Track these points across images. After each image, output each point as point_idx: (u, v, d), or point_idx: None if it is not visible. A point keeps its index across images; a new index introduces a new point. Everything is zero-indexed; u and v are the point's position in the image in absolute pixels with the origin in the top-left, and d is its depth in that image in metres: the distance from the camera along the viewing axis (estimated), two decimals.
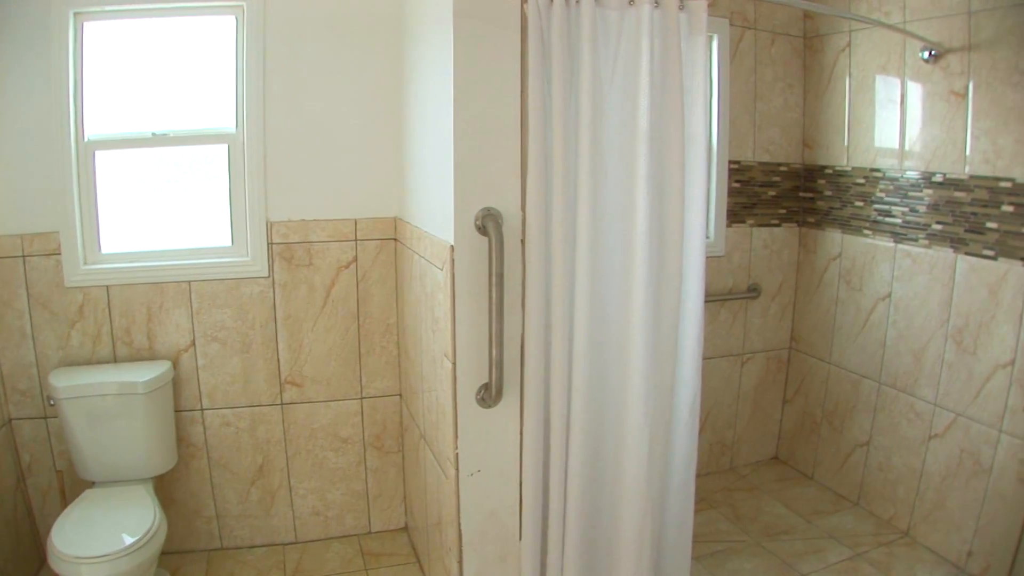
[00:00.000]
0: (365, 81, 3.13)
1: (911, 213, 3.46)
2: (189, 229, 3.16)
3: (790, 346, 4.33)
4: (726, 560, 3.34)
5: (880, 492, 3.72)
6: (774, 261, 4.17)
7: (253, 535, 3.37)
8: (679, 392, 2.62)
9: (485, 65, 2.28)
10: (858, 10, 3.61)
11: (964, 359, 3.23)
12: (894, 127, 3.52)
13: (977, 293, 3.16)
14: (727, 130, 3.88)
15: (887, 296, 3.63)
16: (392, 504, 3.53)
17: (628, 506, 2.51)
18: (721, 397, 4.19)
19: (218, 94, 3.10)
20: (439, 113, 2.44)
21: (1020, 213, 2.96)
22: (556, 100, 2.28)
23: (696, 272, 2.54)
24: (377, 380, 3.38)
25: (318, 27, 3.06)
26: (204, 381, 3.16)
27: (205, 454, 3.23)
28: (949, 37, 3.20)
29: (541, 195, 2.29)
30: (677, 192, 2.42)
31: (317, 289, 3.21)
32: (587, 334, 2.39)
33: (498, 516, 2.54)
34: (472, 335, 2.38)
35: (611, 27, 2.38)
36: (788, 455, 4.40)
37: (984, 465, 3.16)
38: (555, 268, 2.32)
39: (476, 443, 2.45)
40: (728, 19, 3.79)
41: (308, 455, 3.35)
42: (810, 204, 4.12)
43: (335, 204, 3.18)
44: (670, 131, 2.40)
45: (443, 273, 2.42)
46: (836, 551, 3.41)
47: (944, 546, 3.36)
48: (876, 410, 3.72)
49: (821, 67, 3.95)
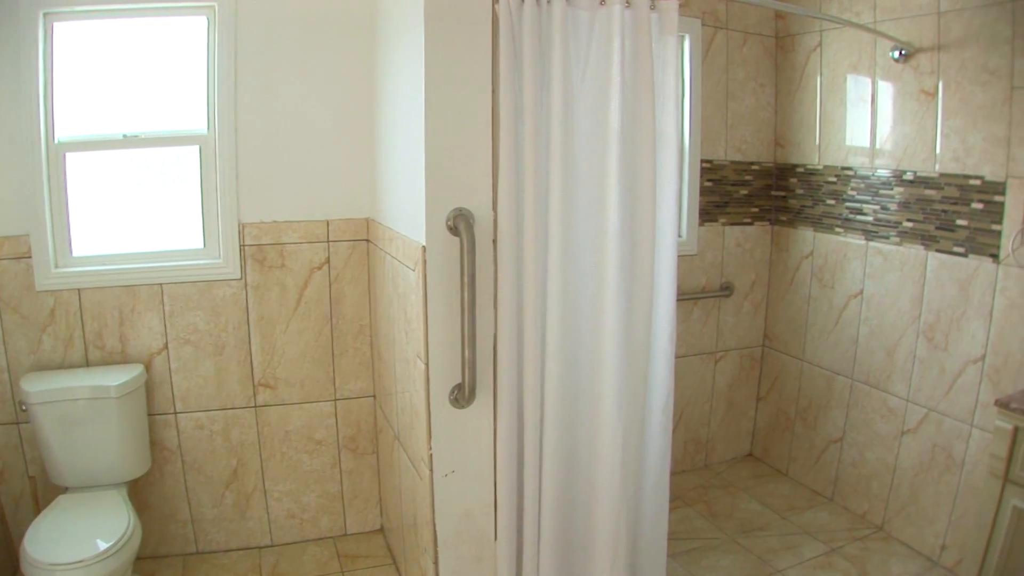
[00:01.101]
0: (337, 82, 3.12)
1: (882, 211, 3.49)
2: (161, 231, 3.14)
3: (763, 344, 4.36)
4: (702, 557, 3.35)
5: (854, 487, 3.76)
6: (747, 259, 4.20)
7: (228, 539, 3.35)
8: (652, 390, 2.63)
9: (456, 65, 2.28)
10: (829, 10, 3.65)
11: (936, 355, 3.27)
12: (865, 126, 3.56)
13: (948, 290, 3.20)
14: (699, 129, 3.90)
15: (859, 293, 3.66)
16: (367, 506, 3.52)
17: (602, 505, 2.51)
18: (695, 395, 4.21)
19: (189, 95, 3.08)
20: (410, 113, 2.43)
21: (989, 210, 3.00)
22: (527, 100, 2.28)
23: (668, 271, 2.55)
24: (351, 382, 3.37)
25: (290, 27, 3.04)
26: (177, 384, 3.14)
27: (179, 458, 3.20)
28: (919, 37, 3.24)
29: (512, 195, 2.29)
30: (648, 191, 2.43)
31: (290, 291, 3.20)
32: (559, 333, 2.40)
33: (473, 516, 2.54)
34: (445, 336, 2.37)
35: (582, 27, 2.38)
36: (762, 452, 4.43)
37: (956, 459, 3.20)
38: (527, 268, 2.33)
39: (450, 444, 2.45)
40: (700, 19, 3.81)
41: (282, 457, 3.33)
42: (782, 202, 4.15)
43: (307, 205, 3.17)
44: (641, 131, 2.41)
45: (415, 274, 2.41)
46: (811, 547, 3.44)
47: (918, 540, 3.40)
48: (849, 406, 3.76)
49: (793, 66, 3.98)
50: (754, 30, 3.98)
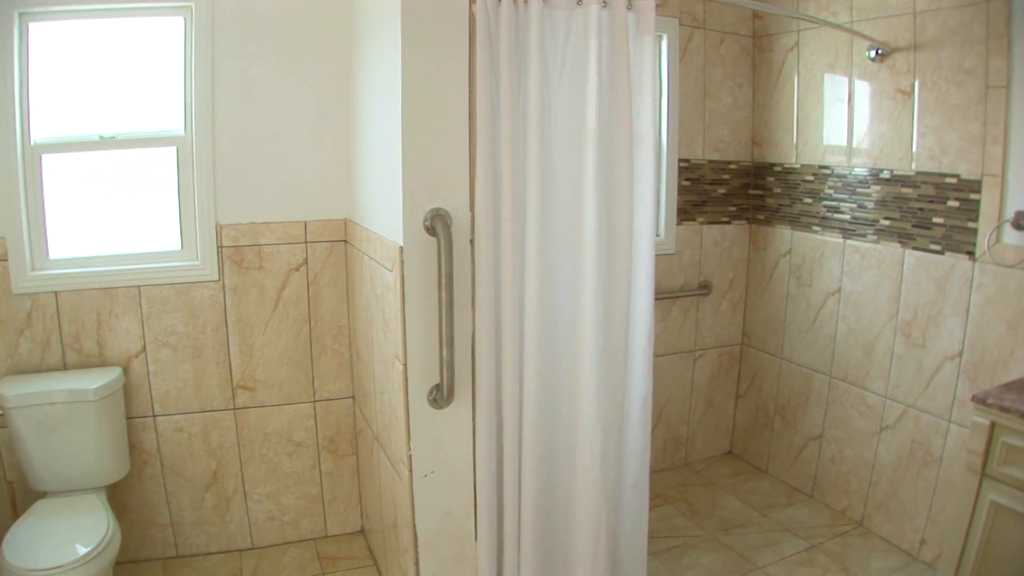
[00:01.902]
0: (315, 82, 3.11)
1: (859, 209, 3.51)
2: (138, 233, 3.12)
3: (742, 342, 4.38)
4: (683, 555, 3.36)
5: (833, 484, 3.78)
6: (725, 258, 4.21)
7: (209, 542, 3.33)
8: (631, 389, 2.64)
9: (433, 65, 2.28)
10: (806, 10, 3.66)
11: (913, 352, 3.29)
12: (842, 125, 3.58)
13: (925, 287, 3.22)
14: (677, 129, 3.91)
15: (837, 291, 3.68)
16: (348, 507, 3.51)
17: (582, 503, 2.52)
18: (674, 394, 4.23)
19: (167, 96, 3.06)
20: (388, 114, 2.43)
21: (965, 208, 3.03)
22: (504, 100, 2.28)
23: (646, 270, 2.55)
24: (330, 383, 3.36)
25: (267, 28, 3.03)
26: (156, 387, 3.11)
27: (158, 461, 3.18)
28: (895, 36, 3.26)
29: (490, 195, 2.30)
30: (626, 191, 2.44)
31: (268, 292, 3.18)
32: (537, 333, 2.40)
33: (453, 516, 2.54)
34: (423, 336, 2.37)
35: (559, 27, 2.39)
36: (742, 450, 4.45)
37: (934, 455, 3.22)
38: (504, 268, 2.33)
39: (429, 444, 2.45)
40: (677, 19, 3.82)
41: (262, 459, 3.32)
42: (760, 201, 4.17)
43: (285, 206, 3.15)
44: (618, 130, 2.42)
45: (393, 275, 2.41)
46: (792, 543, 3.46)
47: (897, 535, 3.42)
48: (828, 403, 3.78)
49: (770, 66, 3.99)
50: (731, 30, 3.99)
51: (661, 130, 3.86)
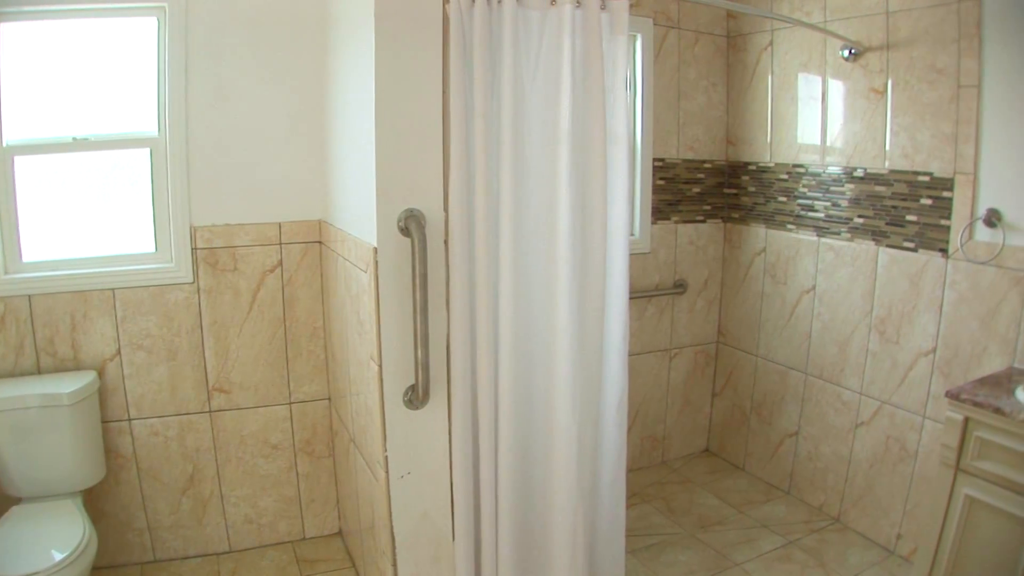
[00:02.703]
0: (289, 83, 3.09)
1: (833, 207, 3.54)
2: (112, 236, 3.09)
3: (717, 340, 4.40)
4: (661, 553, 3.37)
5: (810, 480, 3.80)
6: (699, 257, 4.23)
7: (186, 546, 3.30)
8: (606, 388, 2.65)
9: (407, 66, 2.27)
10: (780, 10, 3.69)
11: (888, 348, 3.32)
12: (816, 124, 3.61)
13: (898, 284, 3.25)
14: (651, 128, 3.92)
15: (811, 289, 3.71)
16: (325, 509, 3.49)
17: (559, 503, 2.53)
18: (650, 392, 4.24)
19: (140, 97, 3.03)
20: (361, 114, 2.42)
21: (938, 206, 3.06)
22: (478, 100, 2.28)
23: (620, 269, 2.56)
24: (305, 384, 3.35)
25: (241, 28, 3.01)
26: (131, 390, 3.09)
27: (134, 465, 3.15)
28: (868, 36, 3.29)
29: (463, 195, 2.30)
30: (600, 190, 2.45)
31: (243, 294, 3.16)
32: (512, 333, 2.40)
33: (430, 517, 2.54)
34: (397, 337, 2.37)
35: (533, 27, 2.39)
36: (719, 447, 4.47)
37: (910, 450, 3.25)
38: (478, 268, 2.33)
39: (405, 445, 2.44)
40: (652, 19, 3.83)
41: (238, 462, 3.30)
42: (734, 200, 4.19)
43: (259, 207, 3.14)
44: (592, 130, 2.42)
45: (367, 275, 2.40)
46: (769, 539, 3.48)
47: (874, 530, 3.45)
48: (804, 400, 3.81)
49: (744, 66, 4.02)
50: (706, 29, 4.01)
51: (635, 130, 3.87)
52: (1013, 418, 2.33)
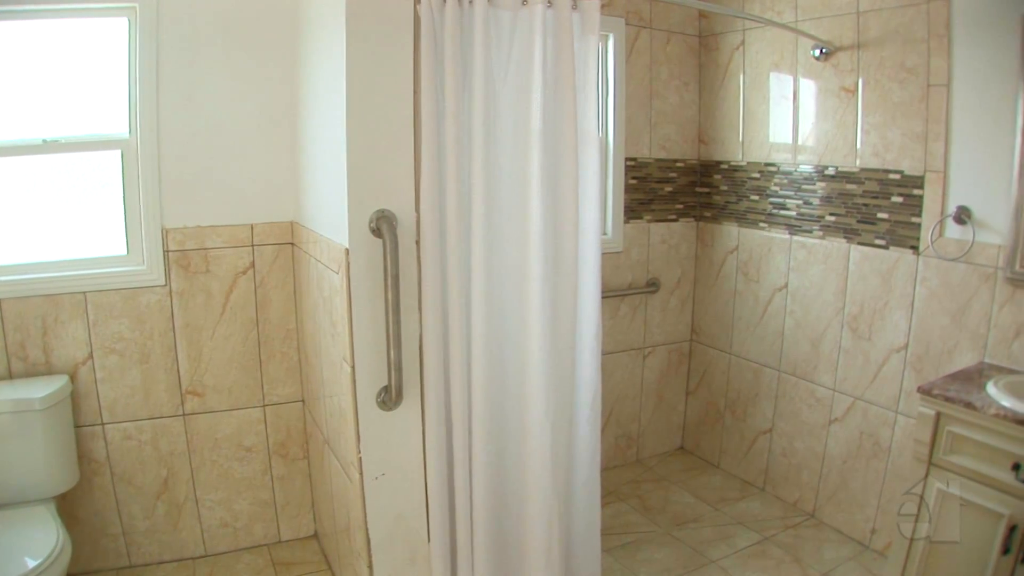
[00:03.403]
0: (261, 83, 3.08)
1: (805, 206, 3.57)
2: (83, 238, 3.06)
3: (691, 338, 4.42)
4: (637, 551, 3.38)
5: (785, 477, 3.83)
6: (672, 255, 4.25)
7: (161, 551, 3.28)
8: (580, 387, 2.65)
9: (378, 66, 2.26)
10: (752, 10, 3.71)
11: (860, 345, 3.35)
12: (787, 123, 3.63)
13: (870, 281, 3.28)
14: (623, 127, 3.93)
15: (784, 287, 3.73)
16: (300, 512, 3.48)
17: (534, 502, 2.53)
18: (625, 391, 4.25)
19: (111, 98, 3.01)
20: (332, 115, 2.41)
21: (909, 204, 3.09)
22: (449, 100, 2.27)
23: (592, 268, 2.57)
24: (279, 387, 3.33)
25: (213, 29, 2.99)
26: (104, 395, 3.06)
27: (108, 470, 3.12)
28: (839, 36, 3.31)
29: (435, 196, 2.29)
30: (571, 190, 2.45)
31: (215, 296, 3.14)
32: (485, 333, 2.40)
33: (405, 518, 2.53)
34: (370, 338, 2.36)
35: (504, 27, 2.39)
36: (693, 445, 4.49)
37: (883, 446, 3.28)
38: (450, 268, 2.33)
39: (379, 446, 2.44)
40: (624, 18, 3.84)
41: (213, 466, 3.28)
42: (707, 199, 4.21)
43: (231, 209, 3.11)
44: (563, 130, 2.42)
45: (339, 277, 2.39)
46: (745, 536, 3.50)
47: (849, 525, 3.48)
48: (777, 398, 3.83)
49: (716, 65, 4.04)
50: (678, 29, 4.03)
51: (608, 129, 3.89)
52: (984, 413, 2.36)
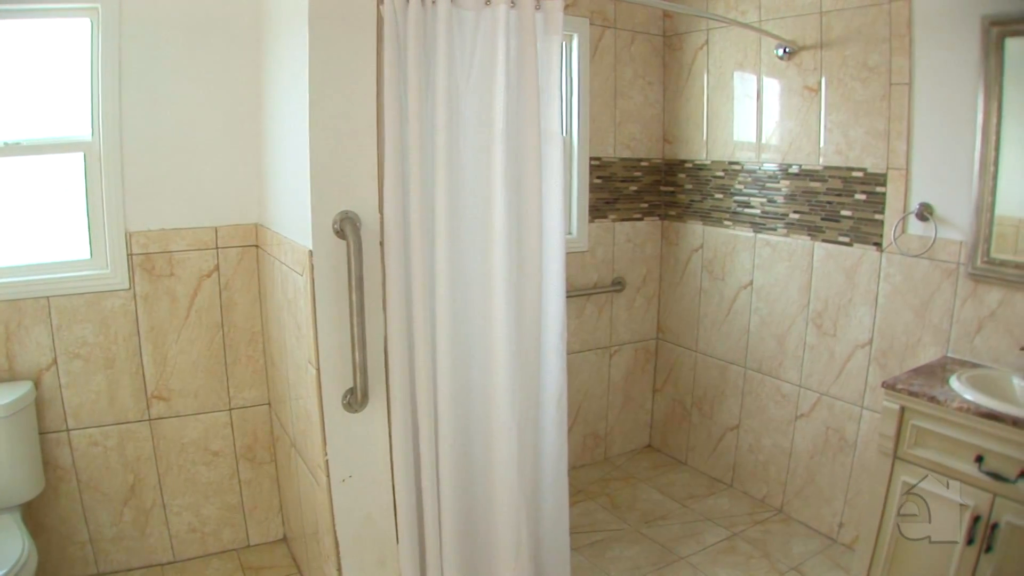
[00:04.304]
0: (224, 85, 3.05)
1: (769, 204, 3.60)
2: (46, 243, 3.02)
3: (657, 336, 4.44)
4: (606, 549, 3.39)
5: (752, 473, 3.86)
6: (637, 254, 4.27)
7: (130, 558, 3.24)
8: (545, 387, 2.66)
9: (341, 66, 2.26)
10: (715, 10, 3.74)
11: (825, 341, 3.38)
12: (751, 121, 3.66)
13: (834, 278, 3.31)
14: (588, 127, 3.94)
15: (749, 284, 3.76)
16: (269, 515, 3.46)
17: (502, 502, 2.53)
18: (591, 390, 4.27)
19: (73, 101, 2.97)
20: (295, 116, 2.41)
21: (872, 201, 3.13)
22: (412, 101, 2.28)
23: (556, 268, 2.58)
24: (245, 390, 3.31)
25: (176, 30, 2.96)
26: (68, 400, 3.02)
27: (74, 476, 3.08)
28: (802, 35, 3.35)
29: (398, 197, 2.29)
30: (535, 190, 2.46)
31: (180, 300, 3.11)
32: (450, 334, 2.41)
33: (374, 520, 2.53)
34: (335, 340, 2.35)
35: (467, 27, 2.40)
36: (661, 443, 4.51)
37: (849, 440, 3.32)
38: (414, 269, 2.33)
39: (346, 448, 2.43)
40: (588, 18, 3.85)
41: (180, 471, 3.24)
42: (671, 198, 4.23)
43: (195, 212, 3.09)
44: (526, 130, 2.43)
45: (303, 279, 2.39)
46: (714, 532, 3.52)
47: (816, 520, 3.52)
48: (744, 394, 3.86)
49: (680, 64, 4.06)
50: (642, 29, 4.05)
51: (572, 129, 3.90)
52: (947, 406, 2.40)
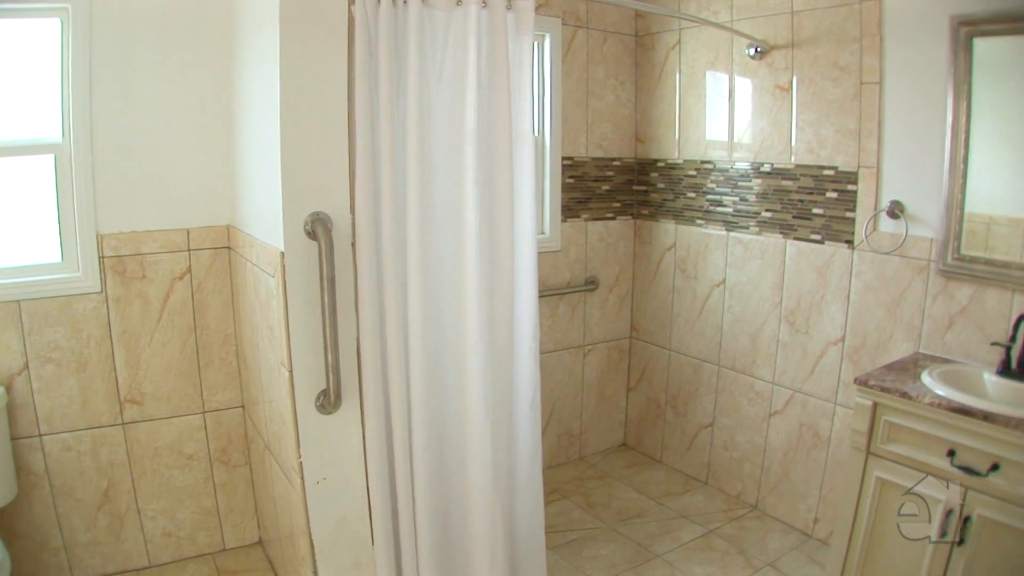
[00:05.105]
0: (196, 87, 3.03)
1: (741, 202, 3.62)
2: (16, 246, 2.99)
3: (631, 335, 4.46)
4: (582, 547, 3.40)
5: (727, 470, 3.88)
6: (610, 253, 4.29)
7: (105, 563, 3.21)
8: (519, 386, 2.67)
9: (312, 67, 2.25)
10: (688, 9, 3.75)
11: (798, 338, 3.41)
12: (723, 121, 3.68)
13: (807, 276, 3.34)
14: (560, 127, 3.95)
15: (722, 282, 3.79)
16: (244, 519, 3.44)
17: (476, 503, 2.54)
18: (566, 389, 4.28)
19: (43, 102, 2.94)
20: (267, 116, 2.40)
21: (843, 199, 3.16)
22: (383, 101, 2.27)
23: (529, 267, 2.59)
24: (219, 393, 3.29)
25: (147, 30, 2.94)
26: (41, 405, 2.99)
27: (47, 482, 3.05)
28: (774, 35, 3.37)
29: (370, 197, 2.29)
30: (506, 190, 2.47)
31: (152, 302, 3.09)
32: (422, 334, 2.41)
33: (349, 522, 2.52)
34: (307, 342, 2.34)
35: (438, 27, 2.40)
36: (636, 441, 4.53)
37: (823, 437, 3.34)
38: (386, 270, 2.33)
39: (319, 450, 2.42)
40: (560, 18, 3.85)
41: (154, 475, 3.22)
42: (644, 197, 4.25)
43: (167, 213, 3.07)
44: (498, 130, 2.44)
45: (275, 280, 2.38)
46: (689, 529, 3.54)
47: (791, 515, 3.54)
48: (718, 392, 3.88)
49: (652, 64, 4.08)
50: (614, 29, 4.07)
51: (544, 128, 3.90)
52: (919, 402, 2.42)
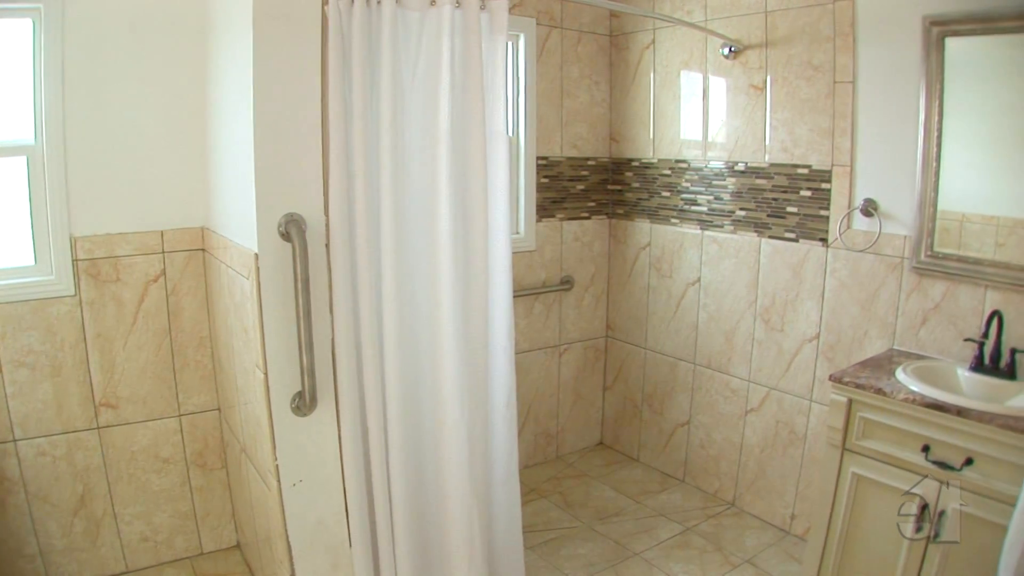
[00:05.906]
0: (170, 87, 3.01)
1: (716, 201, 3.64)
2: None
3: (606, 334, 4.47)
4: (560, 547, 3.41)
5: (704, 467, 3.90)
6: (585, 253, 4.30)
7: (81, 569, 3.18)
8: (494, 387, 2.67)
9: (285, 68, 2.24)
10: (661, 9, 3.77)
11: (773, 336, 3.43)
12: (698, 120, 3.70)
13: (781, 274, 3.36)
14: (534, 127, 3.95)
15: (697, 281, 3.81)
16: (221, 522, 3.42)
17: (453, 503, 2.54)
18: (542, 389, 4.29)
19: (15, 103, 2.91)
20: (240, 117, 2.38)
21: (817, 197, 3.18)
22: (356, 102, 2.27)
23: (503, 267, 2.59)
24: (194, 396, 3.27)
25: (120, 30, 2.92)
26: (15, 410, 2.96)
27: (22, 488, 3.02)
28: (748, 35, 3.39)
29: (344, 198, 2.29)
30: (480, 190, 2.47)
31: (126, 305, 3.07)
32: (397, 335, 2.40)
33: (326, 524, 2.51)
34: (282, 344, 2.33)
35: (412, 28, 2.40)
36: (613, 440, 4.54)
37: (798, 433, 3.37)
38: (361, 271, 2.32)
39: (295, 452, 2.41)
40: (535, 18, 3.86)
41: (130, 479, 3.19)
42: (619, 196, 4.26)
43: (141, 215, 3.04)
44: (471, 130, 2.44)
45: (249, 282, 2.36)
46: (667, 527, 3.56)
47: (768, 512, 3.57)
48: (694, 390, 3.90)
49: (627, 64, 4.09)
50: (589, 29, 4.08)
51: (519, 128, 3.91)
52: (893, 398, 2.45)
